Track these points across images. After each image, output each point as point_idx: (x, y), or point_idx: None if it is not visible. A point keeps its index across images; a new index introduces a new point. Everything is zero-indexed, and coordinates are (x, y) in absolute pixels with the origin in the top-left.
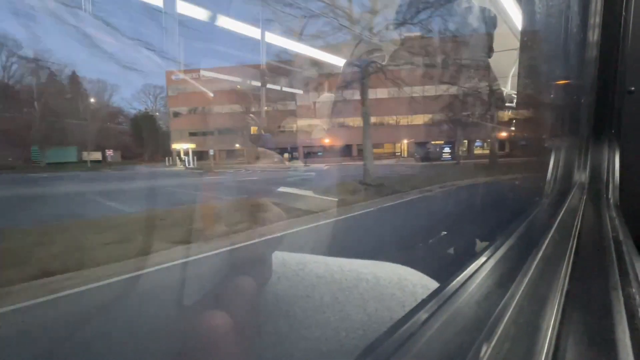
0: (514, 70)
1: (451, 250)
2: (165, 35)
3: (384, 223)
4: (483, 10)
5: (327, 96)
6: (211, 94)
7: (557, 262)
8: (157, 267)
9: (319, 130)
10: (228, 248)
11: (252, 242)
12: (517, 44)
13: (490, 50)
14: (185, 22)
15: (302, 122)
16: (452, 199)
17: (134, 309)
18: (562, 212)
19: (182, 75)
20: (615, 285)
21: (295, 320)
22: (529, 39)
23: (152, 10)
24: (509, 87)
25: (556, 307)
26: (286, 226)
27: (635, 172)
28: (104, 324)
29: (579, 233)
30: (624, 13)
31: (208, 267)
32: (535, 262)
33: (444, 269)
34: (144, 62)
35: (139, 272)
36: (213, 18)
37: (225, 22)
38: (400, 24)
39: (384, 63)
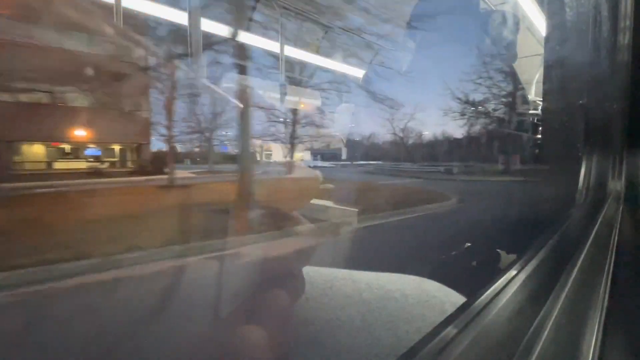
0: (538, 75)
1: None
2: None
3: None
4: None
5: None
6: None
7: (595, 277)
8: None
9: None
10: None
11: None
12: (541, 50)
13: None
14: None
15: None
16: None
17: None
18: (598, 223)
19: None
20: None
21: (324, 348)
22: (555, 44)
23: None
24: (533, 93)
25: (597, 325)
26: None
27: None
28: None
29: (617, 246)
30: None
31: None
32: (572, 277)
33: None
34: None
35: None
36: None
37: None
38: None
39: None
